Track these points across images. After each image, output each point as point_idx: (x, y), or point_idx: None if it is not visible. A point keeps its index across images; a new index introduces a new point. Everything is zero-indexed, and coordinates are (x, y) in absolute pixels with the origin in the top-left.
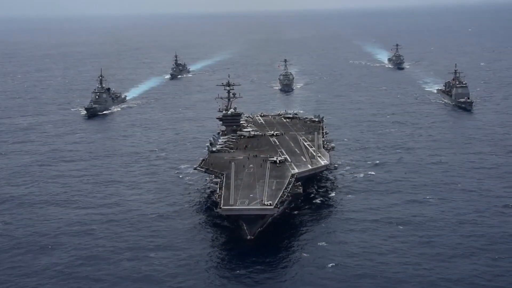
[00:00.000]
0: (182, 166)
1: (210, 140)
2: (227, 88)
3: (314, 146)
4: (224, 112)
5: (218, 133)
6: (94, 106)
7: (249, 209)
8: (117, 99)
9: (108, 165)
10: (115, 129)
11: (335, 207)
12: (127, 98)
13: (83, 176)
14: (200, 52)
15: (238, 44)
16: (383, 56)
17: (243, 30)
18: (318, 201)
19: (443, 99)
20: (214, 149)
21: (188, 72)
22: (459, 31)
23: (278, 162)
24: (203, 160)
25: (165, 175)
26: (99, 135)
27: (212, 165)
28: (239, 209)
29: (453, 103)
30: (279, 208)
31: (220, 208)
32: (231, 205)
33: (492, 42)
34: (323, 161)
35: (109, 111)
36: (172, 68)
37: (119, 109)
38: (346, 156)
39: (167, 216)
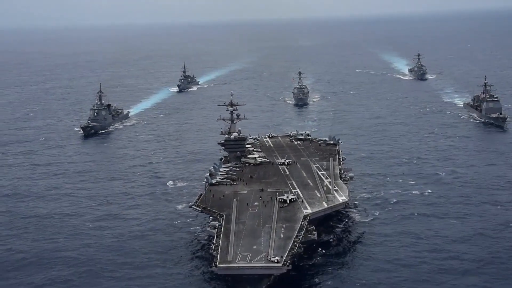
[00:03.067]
0: (179, 207)
1: (209, 170)
2: (230, 108)
3: (329, 176)
4: (226, 136)
5: (221, 158)
6: (91, 124)
7: (251, 268)
8: (119, 115)
9: (94, 201)
10: (110, 152)
11: (356, 256)
12: (130, 114)
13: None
14: (210, 61)
15: (250, 53)
16: (400, 64)
17: (255, 39)
18: (335, 248)
19: (471, 114)
20: (214, 181)
21: (197, 84)
22: (482, 39)
23: (288, 200)
24: (200, 196)
25: (159, 212)
26: (90, 159)
27: (210, 202)
28: (239, 268)
29: (484, 119)
30: (288, 265)
31: (216, 266)
32: (230, 262)
33: None
34: (341, 197)
35: (109, 129)
36: (180, 80)
37: (121, 126)
38: (366, 187)
39: (152, 275)
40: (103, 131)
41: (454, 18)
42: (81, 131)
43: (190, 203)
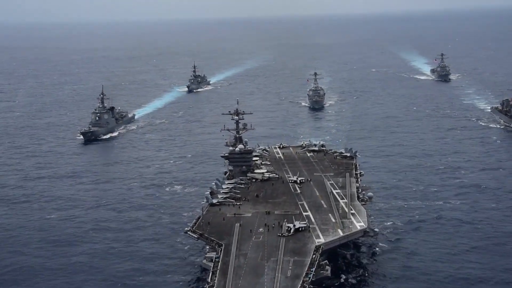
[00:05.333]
0: (175, 226)
1: (211, 187)
2: (235, 118)
3: (345, 196)
4: (231, 148)
5: (225, 172)
6: (92, 129)
7: None
8: (123, 119)
9: (84, 217)
10: (110, 159)
11: None
12: (136, 117)
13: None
14: (224, 59)
15: (265, 51)
16: (419, 63)
17: (271, 36)
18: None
19: (500, 119)
20: (215, 200)
21: (208, 84)
22: (508, 38)
23: (298, 229)
24: (198, 219)
25: (157, 232)
26: (87, 166)
27: (208, 227)
28: None
29: None
30: None
31: None
32: None
33: None
34: (359, 223)
35: (112, 134)
36: (190, 80)
37: (125, 131)
38: (386, 209)
39: None
40: (105, 136)
41: (477, 15)
42: (82, 136)
43: (186, 228)
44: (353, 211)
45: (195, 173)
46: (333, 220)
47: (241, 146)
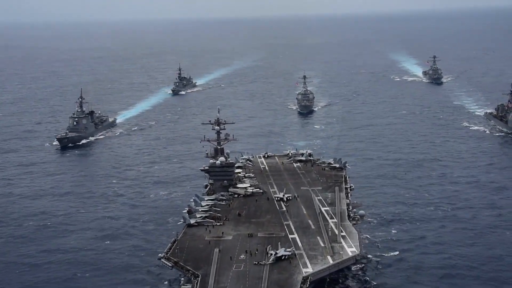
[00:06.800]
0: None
1: (189, 205)
2: (216, 127)
3: (335, 214)
4: (211, 161)
5: (206, 185)
6: (69, 135)
7: None
8: (103, 124)
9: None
10: (85, 167)
11: None
12: (117, 121)
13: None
14: (212, 60)
15: (254, 51)
16: (409, 64)
17: (261, 36)
18: None
19: (494, 125)
20: (192, 221)
21: (194, 86)
22: (501, 39)
23: (282, 257)
24: (173, 243)
25: (129, 261)
26: (60, 175)
27: (184, 254)
28: None
29: (510, 132)
30: None
31: None
32: None
33: None
34: (350, 248)
35: (91, 139)
36: (175, 83)
37: (104, 136)
38: (377, 226)
39: None
40: (83, 141)
41: (468, 16)
42: (58, 142)
43: (160, 254)
44: (343, 233)
45: (172, 191)
46: (322, 245)
47: (222, 158)
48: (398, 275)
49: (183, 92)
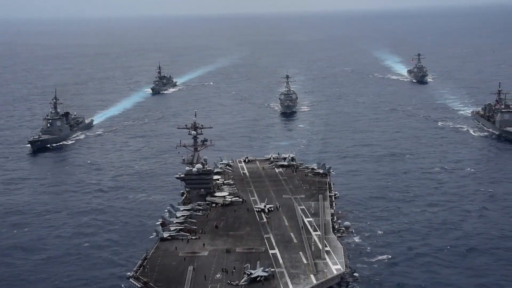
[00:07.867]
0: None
1: (162, 216)
2: (193, 132)
3: (319, 226)
4: (187, 168)
5: (183, 193)
6: (42, 137)
7: None
8: (79, 125)
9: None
10: (58, 171)
11: None
12: (94, 123)
13: None
14: (193, 58)
15: (238, 49)
16: (392, 62)
17: (245, 33)
18: None
19: (482, 125)
20: (166, 234)
21: (175, 85)
22: (488, 36)
23: (257, 278)
24: (144, 260)
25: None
26: (33, 180)
27: (155, 273)
28: None
29: (498, 132)
30: None
31: None
32: None
33: None
34: (335, 266)
35: (66, 141)
36: (155, 82)
37: (80, 137)
38: (366, 236)
39: None
40: (57, 144)
41: (453, 13)
42: (29, 145)
43: (128, 273)
44: (328, 248)
45: (151, 194)
46: (305, 262)
47: (199, 165)
48: None
49: (163, 92)
